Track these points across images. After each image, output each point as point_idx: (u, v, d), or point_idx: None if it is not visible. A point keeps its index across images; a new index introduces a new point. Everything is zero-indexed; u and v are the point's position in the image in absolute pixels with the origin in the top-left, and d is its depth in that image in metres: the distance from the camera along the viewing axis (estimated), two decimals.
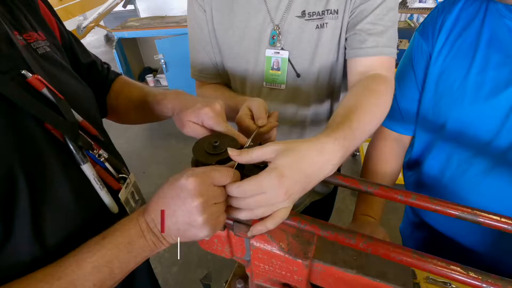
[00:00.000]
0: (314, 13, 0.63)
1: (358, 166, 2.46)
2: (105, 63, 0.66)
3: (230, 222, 0.47)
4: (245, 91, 0.76)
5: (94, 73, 0.62)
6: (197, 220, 0.36)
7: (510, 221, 0.40)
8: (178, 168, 2.60)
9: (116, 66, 2.86)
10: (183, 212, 0.36)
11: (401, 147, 0.80)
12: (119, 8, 5.86)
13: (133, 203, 0.52)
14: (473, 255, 0.73)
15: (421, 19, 4.39)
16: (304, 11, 0.64)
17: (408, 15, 4.04)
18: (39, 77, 0.39)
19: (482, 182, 0.65)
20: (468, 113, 0.64)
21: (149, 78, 3.36)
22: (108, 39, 6.08)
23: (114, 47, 2.81)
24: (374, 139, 0.82)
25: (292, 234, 0.52)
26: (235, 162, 0.42)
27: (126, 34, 2.89)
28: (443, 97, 0.68)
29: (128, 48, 3.16)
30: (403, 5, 3.65)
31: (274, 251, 0.49)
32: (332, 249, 0.51)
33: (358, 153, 2.49)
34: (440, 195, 0.64)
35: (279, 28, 0.66)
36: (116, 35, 2.88)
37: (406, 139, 0.79)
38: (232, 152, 0.40)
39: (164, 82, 3.35)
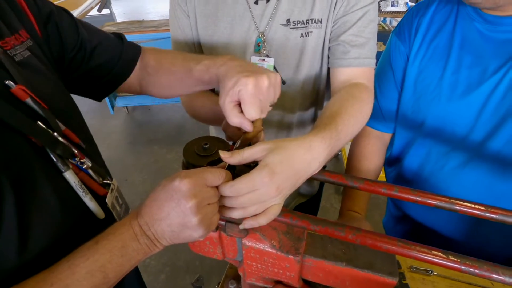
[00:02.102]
0: (298, 22, 0.65)
1: (341, 165, 2.52)
2: (115, 33, 0.64)
3: (222, 222, 0.47)
4: None
5: (104, 54, 0.59)
6: (191, 221, 0.36)
7: (483, 208, 0.43)
8: (161, 174, 2.56)
9: None
10: (177, 213, 0.36)
11: (382, 144, 0.84)
12: (94, 12, 5.71)
13: (118, 208, 0.51)
14: (453, 244, 0.77)
15: (394, 22, 4.59)
16: (289, 19, 0.66)
17: (381, 18, 4.21)
18: (23, 87, 0.39)
19: (460, 175, 0.70)
20: (445, 110, 0.68)
21: None
22: None
23: None
24: (356, 137, 0.85)
25: (282, 231, 0.53)
26: (226, 163, 0.43)
27: None
28: (422, 96, 0.72)
29: None
30: None
31: (266, 249, 0.50)
32: (321, 244, 0.53)
33: (340, 153, 2.55)
34: (421, 189, 0.68)
35: (264, 36, 0.67)
36: None
37: (387, 136, 0.83)
38: (223, 154, 0.41)
39: None
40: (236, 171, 0.44)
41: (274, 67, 0.70)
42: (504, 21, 0.60)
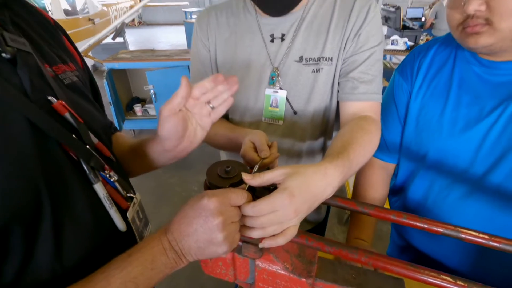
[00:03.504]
0: (310, 59, 0.72)
1: (344, 194, 2.53)
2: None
3: (239, 243, 0.50)
4: (244, 124, 0.81)
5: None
6: (217, 237, 0.39)
7: (487, 237, 0.46)
8: (165, 198, 2.56)
9: (106, 95, 2.90)
10: (204, 230, 0.39)
11: (387, 174, 0.87)
12: (108, 40, 6.01)
13: (138, 222, 0.54)
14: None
15: (394, 59, 4.80)
16: (301, 56, 0.73)
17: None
18: (63, 102, 0.43)
19: (462, 206, 0.72)
20: (446, 145, 0.73)
21: (137, 107, 3.40)
22: (95, 68, 6.14)
23: (104, 77, 2.87)
24: (362, 166, 0.89)
25: (295, 254, 0.55)
26: (246, 185, 0.47)
27: (117, 65, 2.97)
28: (424, 130, 0.76)
29: (118, 78, 3.22)
30: None
31: (279, 271, 0.52)
32: (332, 269, 0.54)
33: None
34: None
35: (278, 70, 0.74)
36: (107, 65, 2.95)
37: (391, 166, 0.87)
38: (246, 176, 0.45)
39: (152, 112, 3.40)
40: (257, 193, 0.47)
41: (287, 99, 0.76)
42: (499, 66, 0.66)
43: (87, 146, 0.44)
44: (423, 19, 4.76)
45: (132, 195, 0.53)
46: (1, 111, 0.34)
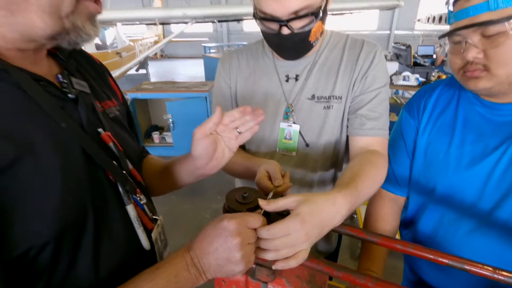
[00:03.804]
0: (322, 97, 0.80)
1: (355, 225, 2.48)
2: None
3: (253, 265, 0.53)
4: (260, 155, 0.88)
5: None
6: (235, 256, 0.44)
7: (491, 269, 0.48)
8: (177, 224, 2.59)
9: None
10: (224, 249, 0.44)
11: (397, 207, 0.89)
12: (132, 71, 6.43)
13: (159, 242, 0.59)
14: None
15: (406, 94, 4.85)
16: (314, 94, 0.80)
17: (394, 90, 4.51)
18: (109, 133, 0.51)
19: (471, 241, 0.73)
20: (453, 180, 0.75)
21: (155, 135, 3.55)
22: None
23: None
24: (373, 198, 0.92)
25: (305, 280, 0.58)
26: (261, 210, 0.52)
27: (140, 95, 3.17)
28: (431, 165, 0.80)
29: (139, 106, 3.42)
30: (389, 82, 4.11)
31: None
32: None
33: (355, 216, 2.53)
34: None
35: (292, 106, 0.81)
36: (131, 95, 3.15)
37: (401, 199, 0.89)
38: (262, 202, 0.50)
39: (169, 139, 3.54)
40: (271, 218, 0.51)
41: (300, 132, 0.82)
42: (501, 107, 0.70)
43: (124, 172, 0.51)
44: (434, 56, 4.88)
45: (156, 217, 0.58)
46: (65, 140, 0.41)
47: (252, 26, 13.70)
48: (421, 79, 4.02)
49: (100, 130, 0.49)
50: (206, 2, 13.90)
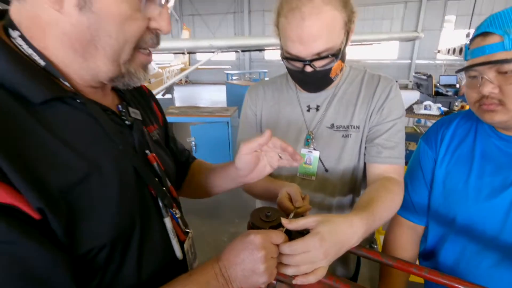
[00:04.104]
0: (341, 126, 0.86)
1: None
2: (185, 149, 0.86)
3: (274, 281, 0.57)
4: (281, 178, 0.93)
5: (178, 155, 0.81)
6: (260, 268, 0.48)
7: None
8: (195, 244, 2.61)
9: None
10: (249, 261, 0.49)
11: (416, 235, 0.90)
12: (158, 95, 6.79)
13: (190, 254, 0.64)
14: None
15: (429, 123, 4.77)
16: (333, 124, 0.86)
17: (416, 119, 4.46)
18: (154, 155, 0.59)
19: (495, 274, 0.72)
20: (473, 211, 0.76)
21: None
22: None
23: None
24: (392, 226, 0.93)
25: None
26: (283, 228, 0.56)
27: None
28: (450, 195, 0.81)
29: None
30: (410, 111, 4.10)
31: None
32: None
33: (376, 246, 2.46)
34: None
35: (312, 134, 0.88)
36: None
37: (420, 228, 0.90)
38: (284, 221, 0.55)
39: None
40: (292, 236, 0.56)
41: (319, 158, 0.87)
42: None
43: (164, 188, 0.58)
44: (457, 86, 4.82)
45: (188, 230, 0.64)
46: (121, 159, 0.49)
47: (272, 55, 14.23)
48: (444, 109, 3.97)
49: (147, 151, 0.58)
50: (231, 32, 14.70)
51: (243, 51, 6.15)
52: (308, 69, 0.75)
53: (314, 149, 0.87)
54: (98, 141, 0.46)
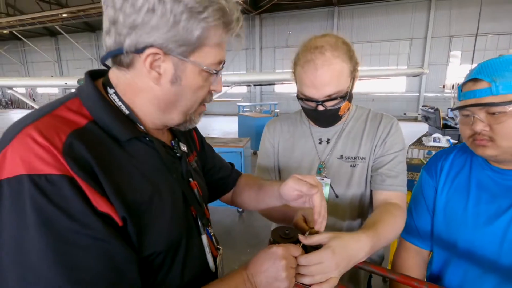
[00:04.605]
0: (349, 157, 0.97)
1: None
2: (230, 163, 0.96)
3: None
4: None
5: (221, 172, 0.91)
6: (281, 275, 0.57)
7: None
8: None
9: None
10: (273, 269, 0.58)
11: (422, 259, 0.96)
12: None
13: (220, 268, 0.73)
14: None
15: None
16: (342, 155, 0.98)
17: (426, 151, 4.51)
18: (195, 182, 0.71)
19: None
20: (473, 236, 0.83)
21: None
22: None
23: None
24: (399, 250, 1.00)
25: None
26: (300, 243, 0.66)
27: None
28: (451, 221, 0.89)
29: None
30: (419, 143, 4.17)
31: None
32: None
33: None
34: None
35: (324, 163, 0.99)
36: None
37: (425, 252, 0.97)
38: (301, 237, 0.65)
39: None
40: (307, 250, 0.65)
41: (330, 185, 0.98)
42: (508, 173, 0.80)
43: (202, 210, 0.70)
44: None
45: (220, 247, 0.75)
46: (173, 185, 0.61)
47: (282, 88, 14.77)
48: (453, 141, 4.03)
49: (190, 179, 0.70)
50: (243, 67, 15.42)
51: (255, 85, 6.48)
52: (320, 108, 0.88)
53: (326, 177, 0.98)
54: (159, 169, 0.58)
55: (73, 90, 0.56)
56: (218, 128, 11.16)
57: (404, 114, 9.39)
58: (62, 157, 0.43)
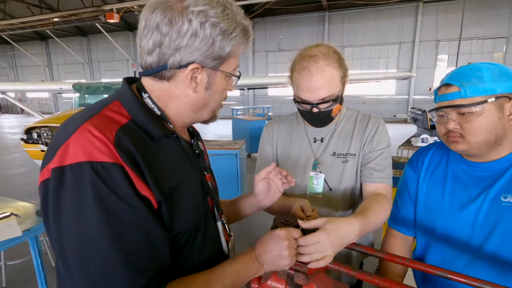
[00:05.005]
0: (341, 154, 1.08)
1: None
2: None
3: (292, 272, 0.75)
4: (294, 196, 1.13)
5: None
6: (284, 253, 0.67)
7: (469, 280, 0.67)
8: None
9: None
10: (277, 249, 0.68)
11: (407, 245, 1.07)
12: None
13: (232, 251, 0.82)
14: None
15: None
16: (334, 152, 1.09)
17: (415, 151, 4.66)
18: (209, 175, 0.80)
19: (467, 273, 0.89)
20: (449, 221, 0.95)
21: None
22: None
23: None
24: (386, 237, 1.11)
25: (330, 286, 0.78)
26: (299, 228, 0.76)
27: None
28: (430, 210, 1.00)
29: None
30: (408, 143, 4.33)
31: None
32: None
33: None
34: (443, 286, 0.88)
35: (318, 160, 1.10)
36: None
37: (409, 238, 1.08)
38: (300, 221, 0.74)
39: None
40: (305, 234, 0.75)
41: (325, 180, 1.08)
42: (478, 165, 0.92)
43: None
44: None
45: (231, 233, 0.84)
46: (195, 175, 0.70)
47: (275, 91, 14.94)
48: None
49: (205, 173, 0.78)
50: None
51: (249, 89, 6.60)
52: (315, 110, 0.99)
53: (320, 172, 1.08)
54: (184, 162, 0.68)
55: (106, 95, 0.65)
56: (212, 131, 11.22)
57: (394, 116, 9.64)
58: (114, 148, 0.52)
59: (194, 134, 0.81)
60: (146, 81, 0.65)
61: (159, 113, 0.64)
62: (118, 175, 0.51)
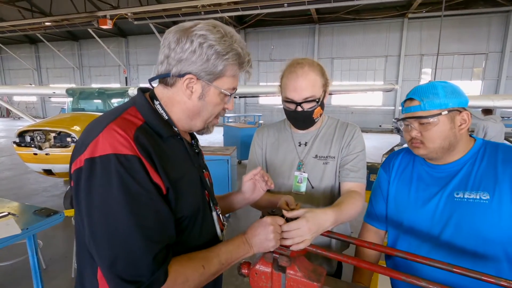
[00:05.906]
0: (322, 157, 1.23)
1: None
2: None
3: (276, 255, 0.88)
4: (280, 193, 1.27)
5: None
6: (270, 236, 0.80)
7: (425, 261, 0.81)
8: None
9: None
10: (264, 233, 0.80)
11: (379, 237, 1.22)
12: None
13: (225, 238, 0.94)
14: None
15: None
16: (317, 155, 1.23)
17: None
18: (207, 173, 0.93)
19: None
20: (414, 216, 1.10)
21: None
22: None
23: None
24: (361, 231, 1.25)
25: (310, 269, 0.90)
26: (284, 217, 0.89)
27: None
28: (399, 206, 1.15)
29: None
30: (391, 152, 4.54)
31: (300, 278, 0.87)
32: (333, 281, 0.89)
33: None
34: (409, 272, 1.02)
35: (302, 162, 1.24)
36: None
37: (382, 232, 1.22)
38: (284, 212, 0.88)
39: None
40: (288, 221, 0.88)
41: (308, 179, 1.22)
42: (437, 167, 1.08)
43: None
44: None
45: (225, 223, 0.96)
46: (194, 171, 0.82)
47: (266, 100, 15.18)
48: None
49: (203, 170, 0.91)
50: None
51: (240, 97, 6.76)
52: (299, 109, 1.14)
53: (304, 172, 1.22)
54: (186, 159, 0.80)
55: (125, 99, 0.78)
56: (204, 137, 11.14)
57: (380, 126, 9.96)
58: (134, 144, 0.64)
59: (193, 136, 0.94)
60: (158, 90, 0.79)
61: (166, 117, 0.77)
62: (137, 165, 0.63)
